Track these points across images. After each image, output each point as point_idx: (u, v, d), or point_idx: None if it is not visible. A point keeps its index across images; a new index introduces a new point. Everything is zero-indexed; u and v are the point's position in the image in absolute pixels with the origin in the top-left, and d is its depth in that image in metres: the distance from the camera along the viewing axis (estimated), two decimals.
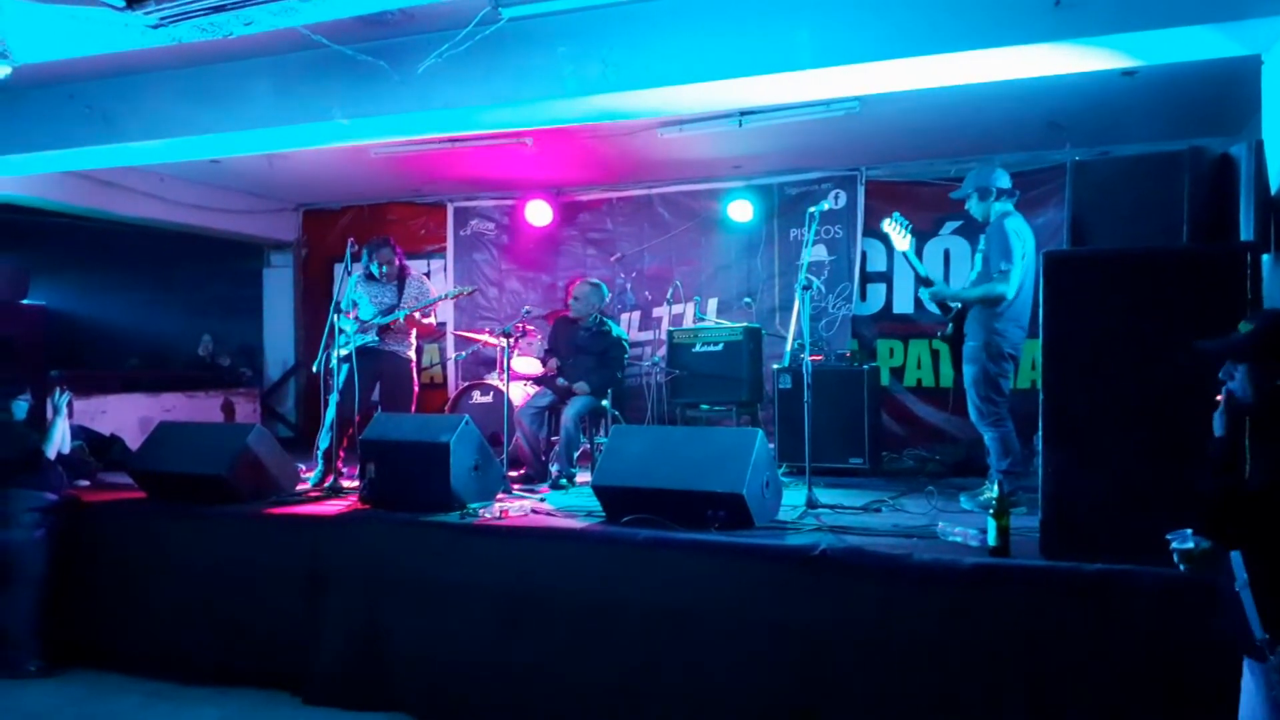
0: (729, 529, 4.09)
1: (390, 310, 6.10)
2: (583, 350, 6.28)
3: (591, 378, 6.15)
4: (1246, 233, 3.68)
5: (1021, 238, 4.90)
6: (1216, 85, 5.26)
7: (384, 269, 6.18)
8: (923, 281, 5.33)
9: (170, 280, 9.98)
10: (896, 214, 5.28)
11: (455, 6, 4.38)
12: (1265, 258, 3.59)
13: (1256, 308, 3.35)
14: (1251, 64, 4.11)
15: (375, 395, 6.18)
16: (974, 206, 5.13)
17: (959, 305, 5.17)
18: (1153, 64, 4.26)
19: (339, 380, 5.75)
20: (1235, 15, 3.69)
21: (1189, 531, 2.69)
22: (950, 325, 5.20)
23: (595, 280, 6.61)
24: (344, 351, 5.71)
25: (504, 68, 4.74)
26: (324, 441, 5.85)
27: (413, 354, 6.35)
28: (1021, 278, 4.89)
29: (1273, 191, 3.72)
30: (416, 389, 6.40)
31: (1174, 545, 2.67)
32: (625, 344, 6.48)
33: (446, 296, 6.68)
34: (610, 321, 6.55)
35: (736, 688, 3.82)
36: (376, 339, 6.06)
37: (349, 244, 5.83)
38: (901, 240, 5.19)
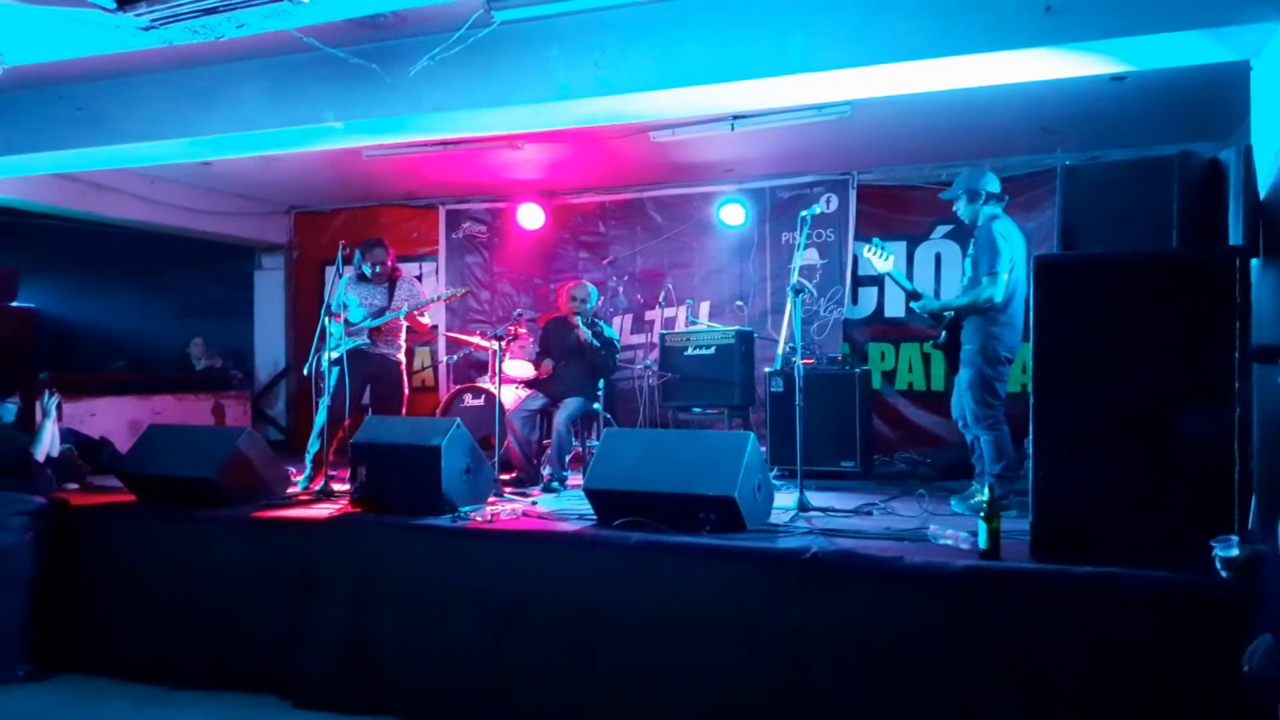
0: (721, 532, 4.09)
1: (381, 312, 6.09)
2: (575, 352, 6.29)
3: (585, 381, 6.17)
4: (1235, 237, 3.71)
5: (1009, 241, 4.92)
6: (1205, 91, 5.29)
7: (376, 269, 6.18)
8: (911, 296, 5.36)
9: (160, 283, 9.96)
10: (876, 239, 5.31)
11: (448, 10, 4.38)
12: (1254, 262, 3.62)
13: (1245, 312, 3.37)
14: (1240, 69, 4.14)
15: (365, 398, 6.18)
16: (962, 209, 5.16)
17: (951, 314, 5.19)
18: (1142, 69, 4.29)
19: (329, 383, 5.74)
20: (1224, 21, 3.72)
21: (1235, 539, 2.67)
22: (944, 333, 5.22)
23: (588, 283, 6.62)
24: (334, 355, 5.70)
25: (496, 71, 4.75)
26: (314, 447, 5.83)
27: (401, 356, 6.36)
28: (1013, 281, 4.91)
29: (1261, 196, 3.74)
30: (406, 391, 6.40)
31: (1218, 553, 2.65)
32: (617, 344, 6.49)
33: (440, 298, 6.67)
34: (602, 323, 6.56)
35: (728, 690, 3.81)
36: (368, 341, 6.05)
37: (340, 246, 5.81)
38: (884, 263, 5.20)
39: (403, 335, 6.32)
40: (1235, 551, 2.62)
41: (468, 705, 4.26)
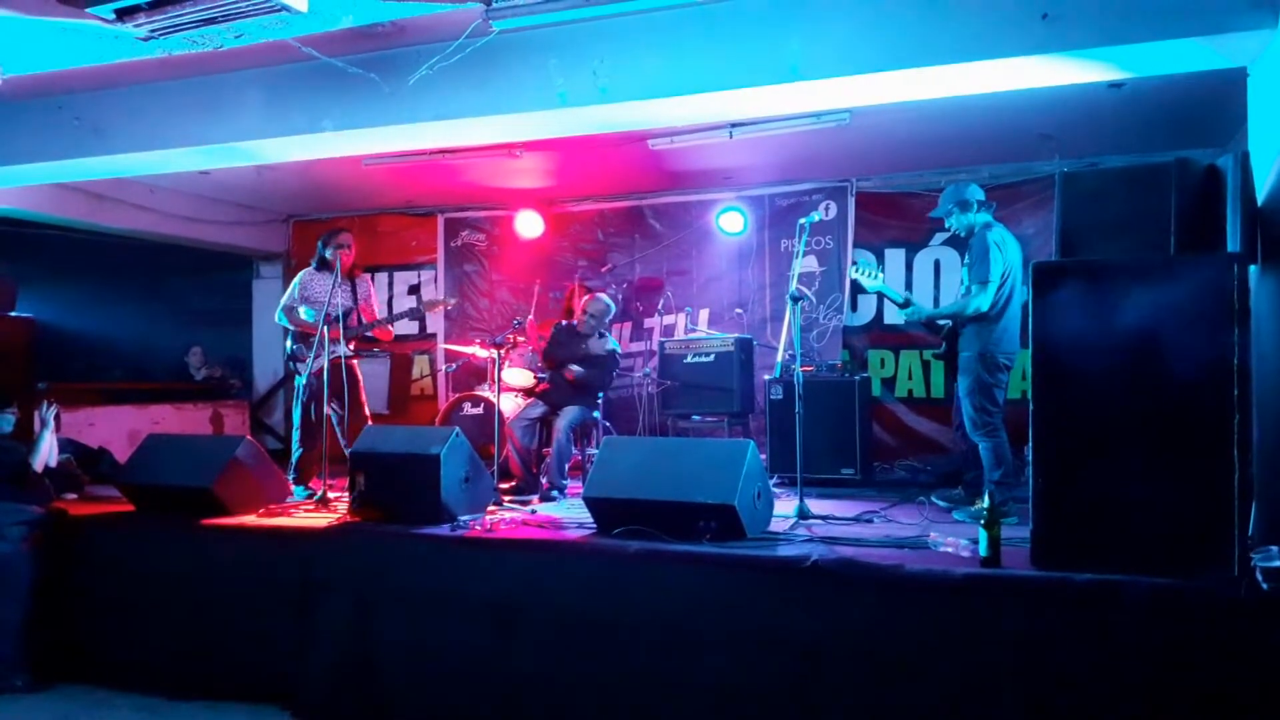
0: (720, 540, 4.08)
1: (350, 311, 6.00)
2: (579, 361, 6.28)
3: (585, 389, 6.17)
4: (1233, 244, 3.71)
5: (1004, 249, 4.93)
6: (1203, 98, 5.30)
7: (339, 259, 5.86)
8: (902, 305, 5.34)
9: (159, 292, 9.96)
10: (862, 260, 5.29)
11: (446, 19, 4.39)
12: (1252, 269, 3.61)
13: (1243, 319, 3.37)
14: (1237, 77, 4.14)
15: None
16: (956, 221, 5.17)
17: (948, 323, 5.21)
18: (1140, 76, 4.29)
19: (299, 393, 5.73)
20: (1221, 29, 3.72)
21: (1275, 549, 2.65)
22: (944, 344, 5.23)
23: (608, 299, 6.57)
24: (319, 364, 5.67)
25: (495, 80, 4.75)
26: (298, 452, 5.79)
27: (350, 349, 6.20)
28: (1009, 289, 4.92)
29: (1259, 203, 3.74)
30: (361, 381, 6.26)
31: (1258, 563, 2.63)
32: (617, 355, 6.49)
33: (427, 306, 6.57)
34: (607, 334, 6.56)
35: (728, 698, 3.80)
36: (350, 350, 5.97)
37: (338, 255, 5.81)
38: (871, 280, 5.18)
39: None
40: (1277, 562, 2.59)
41: (466, 714, 4.25)
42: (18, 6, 3.98)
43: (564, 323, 6.60)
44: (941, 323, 5.29)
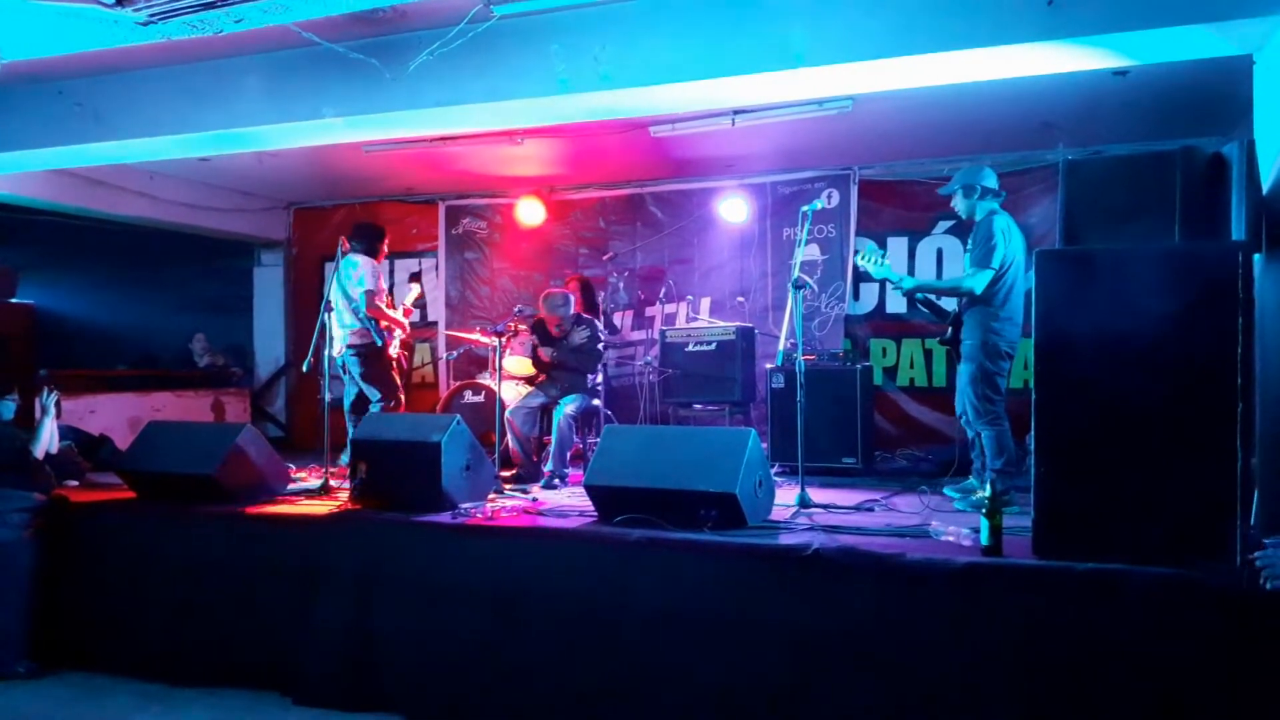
0: (721, 528, 4.08)
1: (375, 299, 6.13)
2: (567, 350, 6.27)
3: (580, 377, 6.16)
4: (1238, 232, 3.69)
5: (1009, 238, 4.92)
6: (1208, 85, 5.28)
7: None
8: (896, 285, 5.30)
9: (160, 279, 9.94)
10: (870, 245, 5.28)
11: (447, 4, 4.37)
12: (1257, 257, 3.60)
13: (1248, 307, 3.35)
14: (1243, 64, 4.12)
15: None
16: (959, 203, 5.15)
17: (931, 296, 5.28)
18: (1145, 64, 4.27)
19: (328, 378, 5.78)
20: (1226, 15, 3.70)
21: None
22: (950, 330, 5.21)
23: (562, 294, 6.45)
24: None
25: (496, 66, 4.73)
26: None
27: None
28: (1011, 278, 4.91)
29: (1264, 191, 3.73)
30: None
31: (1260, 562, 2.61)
32: (597, 333, 6.42)
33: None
34: (584, 320, 6.52)
35: (729, 687, 3.81)
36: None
37: (340, 243, 5.81)
38: (878, 267, 5.15)
39: None
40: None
41: (468, 702, 4.26)
42: None
43: (541, 319, 6.53)
44: (923, 296, 5.37)
